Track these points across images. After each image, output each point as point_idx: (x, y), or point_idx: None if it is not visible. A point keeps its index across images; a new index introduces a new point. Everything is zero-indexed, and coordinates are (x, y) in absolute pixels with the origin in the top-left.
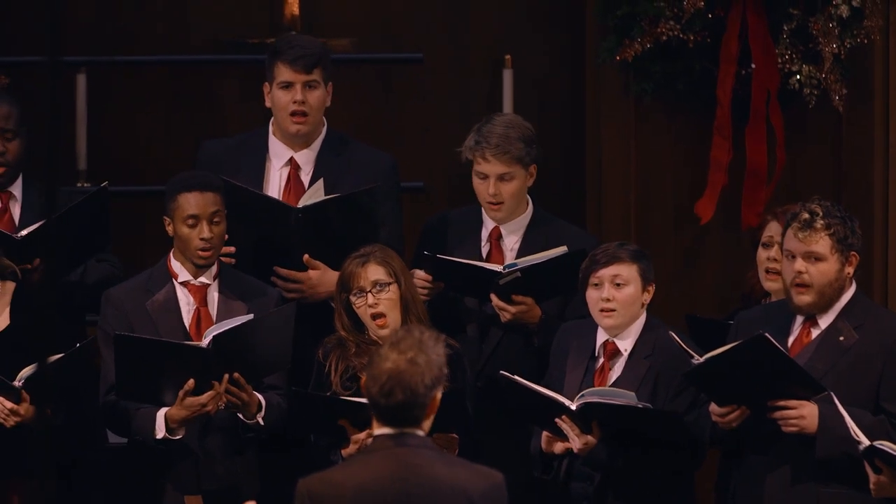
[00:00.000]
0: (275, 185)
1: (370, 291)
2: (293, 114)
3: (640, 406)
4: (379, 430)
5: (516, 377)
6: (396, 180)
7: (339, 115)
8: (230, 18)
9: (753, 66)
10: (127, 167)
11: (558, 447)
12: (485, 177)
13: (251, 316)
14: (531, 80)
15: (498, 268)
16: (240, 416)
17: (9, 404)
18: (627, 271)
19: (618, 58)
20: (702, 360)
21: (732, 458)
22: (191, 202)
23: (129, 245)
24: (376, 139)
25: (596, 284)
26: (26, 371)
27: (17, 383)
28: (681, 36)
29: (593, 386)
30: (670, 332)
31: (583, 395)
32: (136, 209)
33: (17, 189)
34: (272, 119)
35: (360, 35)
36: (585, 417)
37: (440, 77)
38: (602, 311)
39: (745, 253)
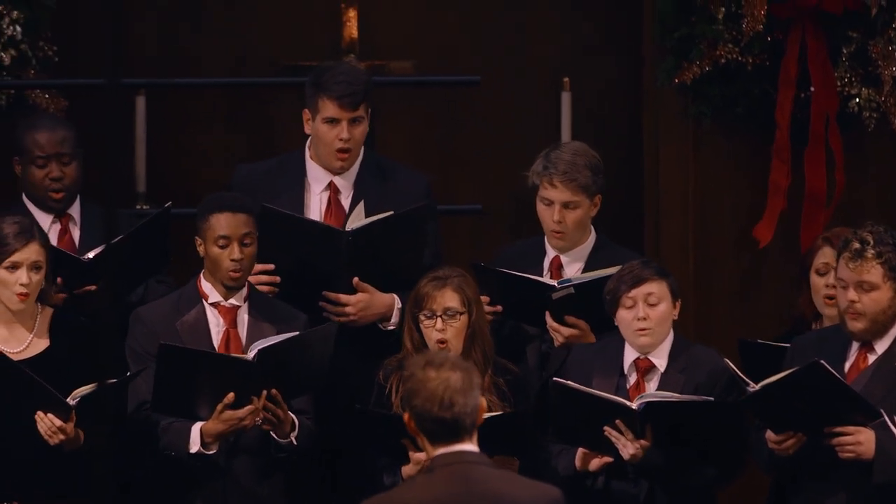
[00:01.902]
0: (315, 210)
1: (440, 316)
2: (339, 150)
3: (702, 400)
4: (436, 452)
5: (569, 382)
6: (433, 201)
7: (396, 137)
8: (289, 41)
9: (812, 89)
10: (185, 190)
11: (594, 464)
12: (550, 203)
13: (296, 332)
14: (589, 102)
15: (552, 282)
16: (273, 435)
17: (58, 422)
18: (659, 289)
19: (676, 80)
20: (757, 387)
21: (788, 484)
22: (222, 223)
23: (186, 267)
24: (434, 161)
25: (629, 305)
26: (82, 391)
27: (71, 401)
28: (740, 59)
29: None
30: (725, 360)
31: (643, 397)
32: (185, 230)
33: (75, 211)
34: (308, 142)
35: (419, 57)
36: (642, 420)
37: (498, 100)
38: (637, 330)
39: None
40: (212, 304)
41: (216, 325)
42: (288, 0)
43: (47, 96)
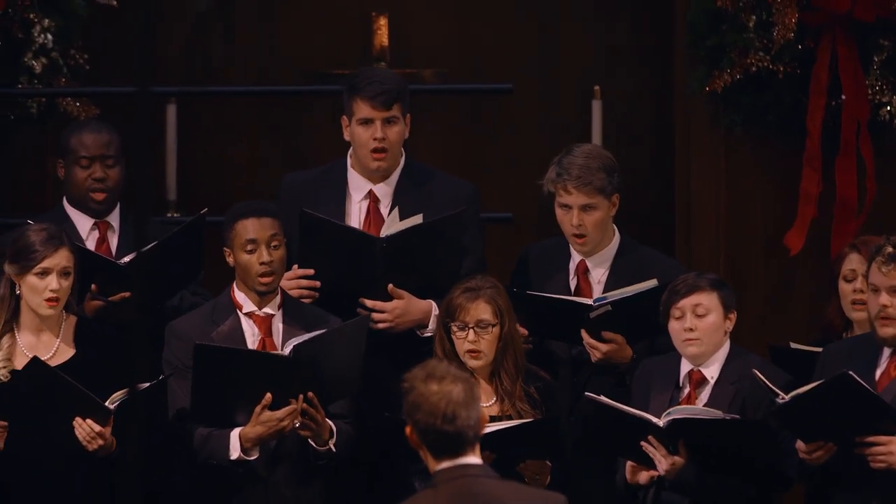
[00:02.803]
0: (355, 218)
1: (473, 328)
2: (373, 150)
3: (727, 418)
4: (438, 466)
5: (601, 397)
6: (477, 208)
7: (427, 145)
8: (320, 49)
9: (844, 97)
10: (216, 198)
11: (643, 477)
12: (568, 208)
13: (328, 328)
14: (620, 110)
15: (588, 301)
16: (311, 443)
17: (97, 427)
18: (708, 300)
19: (707, 89)
20: (787, 398)
21: (820, 494)
22: (248, 228)
23: (218, 277)
24: (464, 169)
25: (677, 315)
26: (119, 395)
27: (110, 405)
28: (770, 67)
29: None
30: (754, 371)
31: (669, 413)
32: (217, 239)
33: (114, 219)
34: (350, 151)
35: (450, 65)
36: (673, 436)
37: (529, 108)
38: (685, 340)
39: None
40: (246, 314)
41: (251, 335)
42: (319, 8)
43: (78, 104)
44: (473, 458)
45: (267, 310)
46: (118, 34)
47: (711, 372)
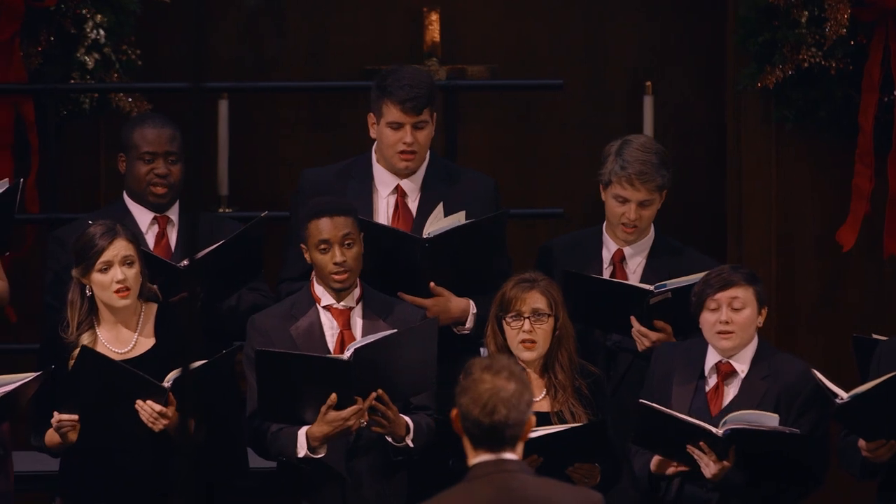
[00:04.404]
0: (383, 213)
1: (528, 318)
2: (401, 152)
3: (789, 432)
4: (476, 458)
5: (656, 405)
6: (500, 203)
7: (477, 141)
8: (371, 45)
9: None
10: (267, 193)
11: (671, 470)
12: (625, 201)
13: (394, 330)
14: (671, 106)
15: (649, 287)
16: (388, 439)
17: (157, 407)
18: (744, 294)
19: (759, 85)
20: (846, 398)
21: (890, 490)
22: (321, 228)
23: (276, 266)
24: (514, 164)
25: (713, 307)
26: (174, 374)
27: (165, 384)
28: (822, 63)
29: (706, 406)
30: (813, 371)
31: (726, 422)
32: (278, 234)
33: (173, 214)
34: (375, 146)
35: (500, 61)
36: (725, 445)
37: (580, 103)
38: (720, 333)
39: (886, 281)
40: (325, 308)
41: (330, 328)
42: (370, 3)
43: (130, 100)
44: (511, 455)
45: (345, 303)
46: (170, 30)
47: (741, 366)
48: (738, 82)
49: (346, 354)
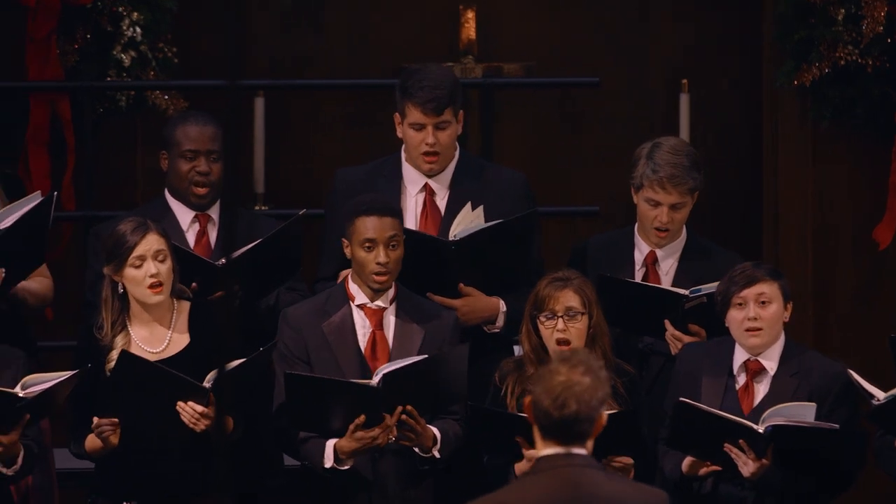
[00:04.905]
0: (411, 211)
1: (561, 317)
2: (424, 153)
3: (829, 428)
4: (545, 450)
5: (697, 403)
6: (531, 199)
7: (513, 139)
8: (407, 42)
9: None
10: (303, 191)
11: (704, 470)
12: (656, 205)
13: (424, 356)
14: (708, 104)
15: (683, 291)
16: (415, 450)
17: (199, 408)
18: (770, 290)
19: (795, 82)
20: (883, 399)
21: None
22: (368, 226)
23: (308, 268)
24: (551, 162)
25: (740, 304)
26: (214, 374)
27: (206, 384)
28: (859, 60)
29: (737, 405)
30: (849, 371)
31: (765, 419)
32: (314, 232)
33: (215, 213)
34: (404, 146)
35: (536, 59)
36: (767, 443)
37: (616, 101)
38: (748, 330)
39: None
40: (358, 306)
41: (362, 327)
42: (406, 1)
43: (167, 97)
44: (580, 450)
45: (379, 303)
46: (207, 27)
47: (770, 363)
48: (775, 80)
49: (375, 380)
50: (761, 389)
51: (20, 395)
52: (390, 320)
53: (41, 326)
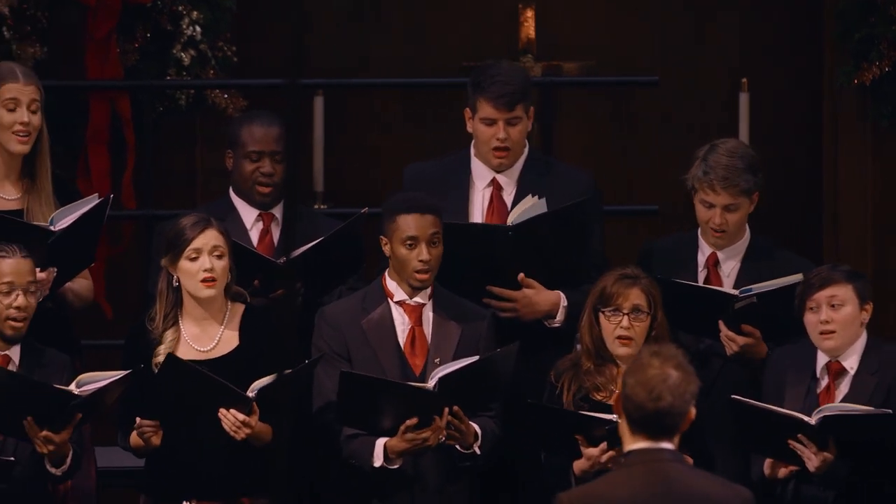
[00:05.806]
0: (478, 206)
1: (627, 314)
2: (495, 148)
3: (882, 413)
4: (634, 445)
5: (749, 400)
6: (598, 197)
7: (573, 137)
8: (466, 41)
9: None
10: (362, 189)
11: (782, 472)
12: (711, 206)
13: (477, 357)
14: (768, 103)
15: (734, 292)
16: (456, 446)
17: (241, 416)
18: (843, 292)
19: (855, 81)
20: None
21: None
22: (410, 224)
23: (375, 262)
24: (610, 161)
25: (812, 308)
26: (259, 383)
27: (250, 394)
28: None
29: (817, 407)
30: None
31: (820, 411)
32: (374, 231)
33: (279, 212)
34: (473, 141)
35: (596, 58)
36: (823, 433)
37: (676, 100)
38: (822, 333)
39: None
40: (397, 303)
41: (401, 324)
42: (465, 0)
43: (226, 96)
44: (668, 444)
45: (417, 299)
46: (266, 26)
47: (850, 363)
48: (836, 79)
49: (431, 384)
50: (842, 390)
51: (75, 392)
52: (428, 316)
53: (100, 324)
